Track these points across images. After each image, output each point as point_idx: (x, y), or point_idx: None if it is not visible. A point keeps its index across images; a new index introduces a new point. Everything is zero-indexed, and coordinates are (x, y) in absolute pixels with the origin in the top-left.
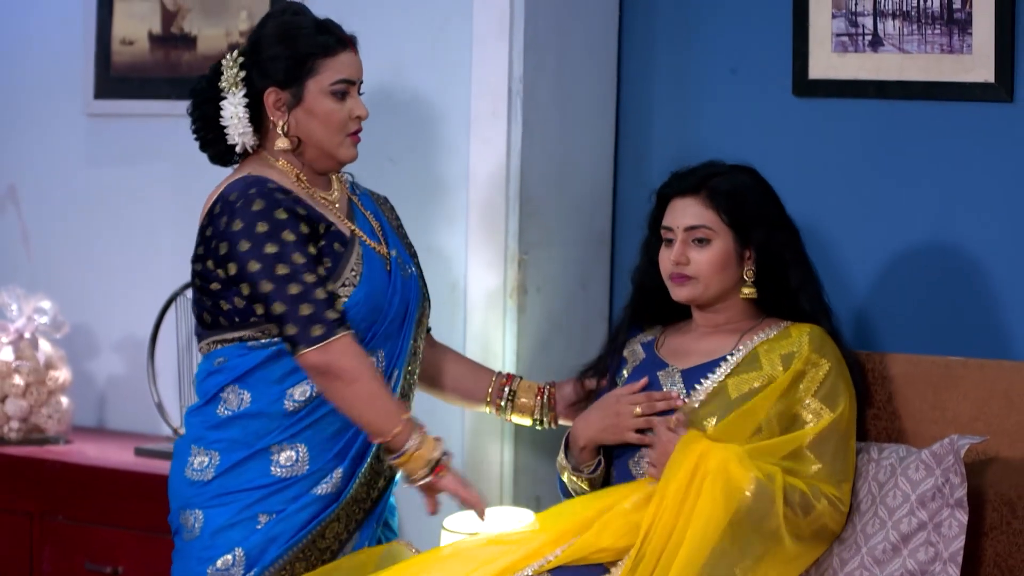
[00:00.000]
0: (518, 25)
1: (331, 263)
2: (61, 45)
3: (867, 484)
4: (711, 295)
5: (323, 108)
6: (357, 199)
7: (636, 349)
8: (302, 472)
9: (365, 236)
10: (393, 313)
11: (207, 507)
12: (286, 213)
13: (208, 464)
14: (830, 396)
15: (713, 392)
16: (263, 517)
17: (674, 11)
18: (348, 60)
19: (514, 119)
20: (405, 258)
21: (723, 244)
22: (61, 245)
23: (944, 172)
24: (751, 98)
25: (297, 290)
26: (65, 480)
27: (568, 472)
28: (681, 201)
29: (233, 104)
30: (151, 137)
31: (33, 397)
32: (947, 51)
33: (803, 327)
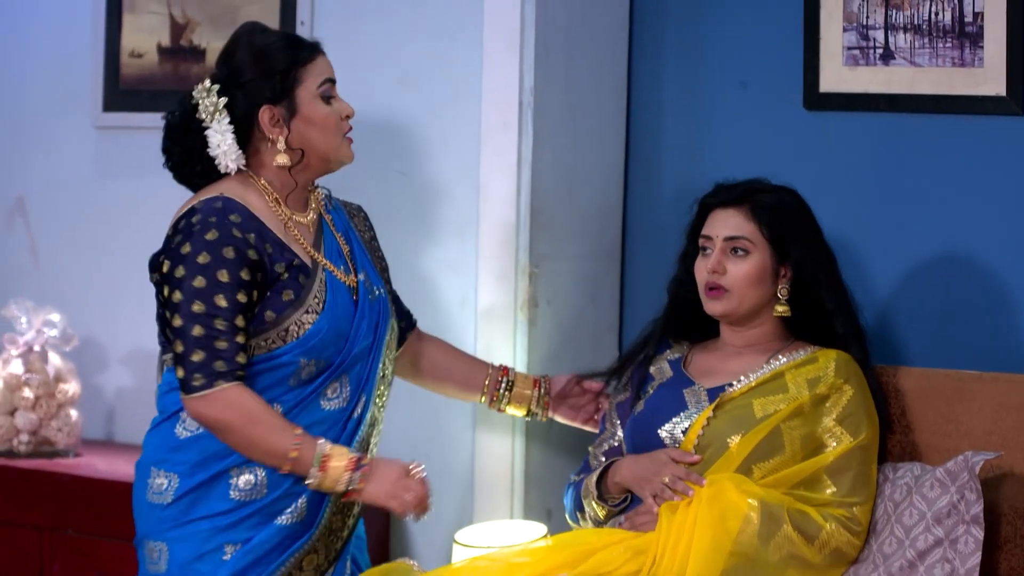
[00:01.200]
0: (528, 37)
1: (294, 294)
2: (70, 58)
3: (883, 503)
4: (744, 310)
5: (319, 113)
6: (330, 218)
7: (663, 367)
8: (260, 496)
9: (331, 265)
10: (361, 339)
11: (170, 539)
12: (234, 253)
13: (167, 487)
14: (852, 422)
15: (738, 410)
16: (229, 548)
17: (684, 24)
18: (323, 63)
19: (525, 131)
20: (373, 279)
21: (760, 257)
22: (70, 258)
23: (955, 185)
24: (761, 111)
25: (199, 333)
26: (75, 493)
27: (593, 498)
28: (723, 212)
29: (219, 132)
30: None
31: (43, 410)
32: (958, 64)
33: (830, 353)
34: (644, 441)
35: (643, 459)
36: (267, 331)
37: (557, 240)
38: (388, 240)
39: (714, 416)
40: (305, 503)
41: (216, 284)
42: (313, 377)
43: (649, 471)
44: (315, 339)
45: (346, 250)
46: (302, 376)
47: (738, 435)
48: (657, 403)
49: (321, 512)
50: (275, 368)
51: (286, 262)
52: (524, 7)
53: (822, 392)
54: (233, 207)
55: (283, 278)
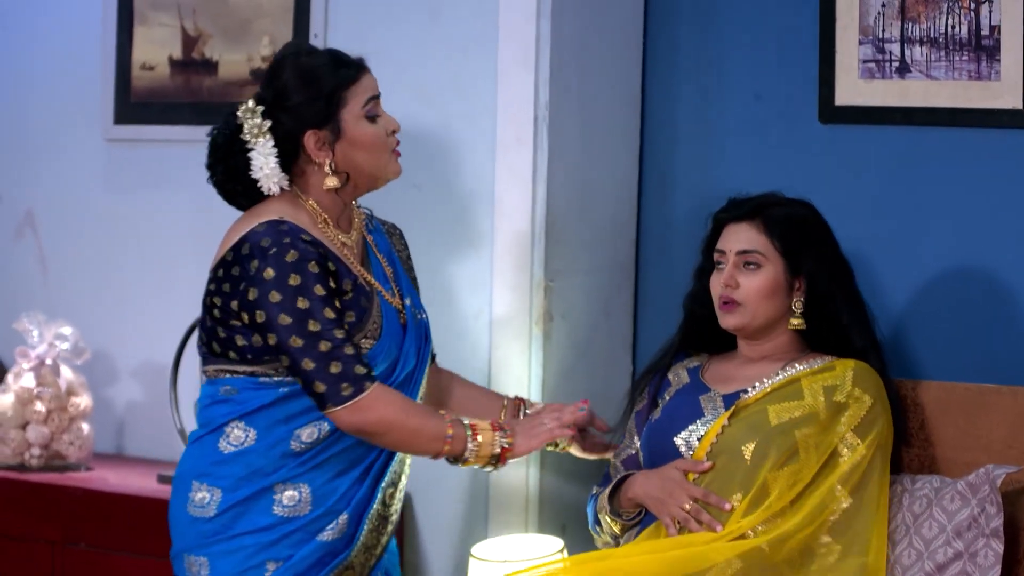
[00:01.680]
0: (544, 53)
1: (355, 317)
2: (80, 71)
3: (902, 513)
4: (758, 324)
5: (364, 134)
6: (372, 239)
7: (681, 373)
8: (304, 513)
9: (382, 289)
10: (408, 362)
11: (213, 554)
12: (318, 267)
13: (210, 500)
14: (867, 431)
15: (752, 417)
16: (271, 564)
17: (698, 37)
18: (368, 80)
19: (540, 146)
20: (416, 302)
21: (773, 271)
22: (80, 271)
23: (972, 199)
24: (776, 124)
25: (327, 347)
26: (87, 507)
27: (607, 513)
28: (736, 226)
29: (263, 154)
30: (171, 163)
31: (55, 424)
32: (975, 78)
33: (848, 362)
34: (660, 448)
35: (654, 475)
36: None
37: (571, 254)
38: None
39: (729, 424)
40: (346, 520)
41: (316, 299)
42: None
43: (662, 490)
44: (371, 362)
45: (389, 272)
46: None
47: (752, 442)
48: (673, 410)
49: (360, 528)
50: None
51: (351, 280)
52: (539, 23)
53: (840, 400)
54: (299, 229)
55: (347, 296)
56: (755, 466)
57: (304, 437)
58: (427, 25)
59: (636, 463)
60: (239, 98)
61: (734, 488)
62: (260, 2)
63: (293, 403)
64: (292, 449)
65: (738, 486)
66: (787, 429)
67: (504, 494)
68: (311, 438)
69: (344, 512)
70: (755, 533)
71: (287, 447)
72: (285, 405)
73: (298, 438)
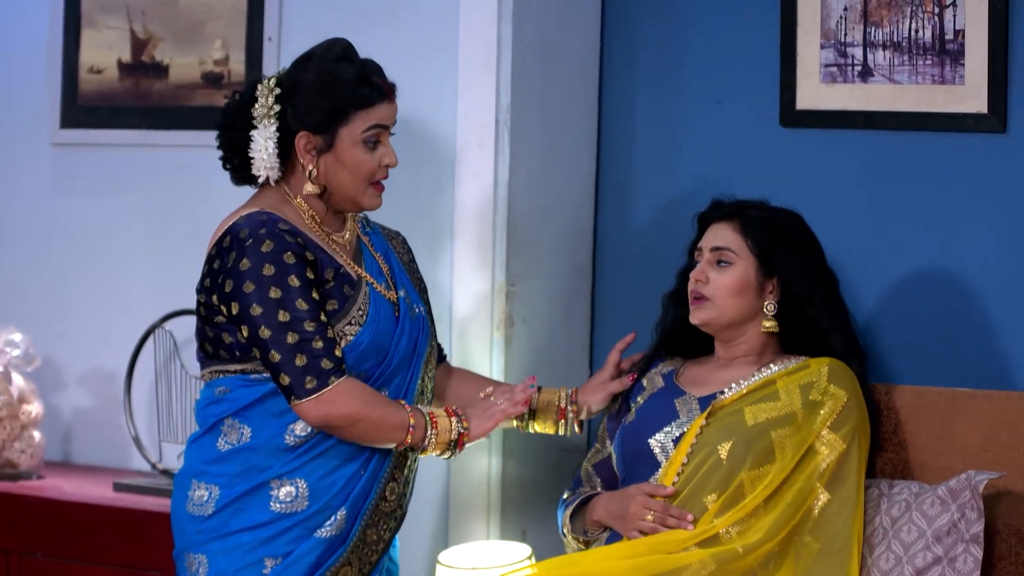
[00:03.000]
0: (505, 55)
1: (338, 304)
2: (25, 74)
3: (879, 517)
4: (725, 320)
5: (353, 158)
6: (368, 240)
7: (655, 378)
8: (301, 509)
9: (373, 280)
10: (401, 353)
11: (211, 551)
12: (294, 257)
13: (208, 498)
14: (844, 427)
15: (728, 417)
16: (269, 561)
17: (656, 41)
18: (384, 109)
19: (501, 149)
20: (414, 297)
21: (743, 269)
22: (24, 276)
23: (937, 202)
24: (737, 128)
25: (294, 339)
26: (43, 516)
27: (569, 532)
28: (716, 225)
29: (264, 137)
30: (121, 167)
31: (6, 431)
32: (939, 82)
33: (822, 360)
34: (634, 450)
35: (617, 496)
36: None
37: (532, 259)
38: None
39: (706, 424)
40: (344, 515)
41: (290, 289)
42: None
43: (623, 507)
44: (356, 351)
45: (385, 269)
46: None
47: (728, 442)
48: (648, 413)
49: (356, 524)
50: None
51: (334, 268)
52: (500, 25)
53: (815, 399)
54: (277, 218)
55: (329, 285)
56: (731, 467)
57: (298, 431)
58: (385, 28)
59: (609, 468)
60: (191, 101)
61: (710, 488)
62: (212, 4)
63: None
64: (286, 443)
65: (714, 486)
66: (763, 430)
67: (464, 500)
68: (304, 431)
69: (342, 507)
70: (729, 534)
71: (281, 441)
72: (277, 398)
73: (292, 432)
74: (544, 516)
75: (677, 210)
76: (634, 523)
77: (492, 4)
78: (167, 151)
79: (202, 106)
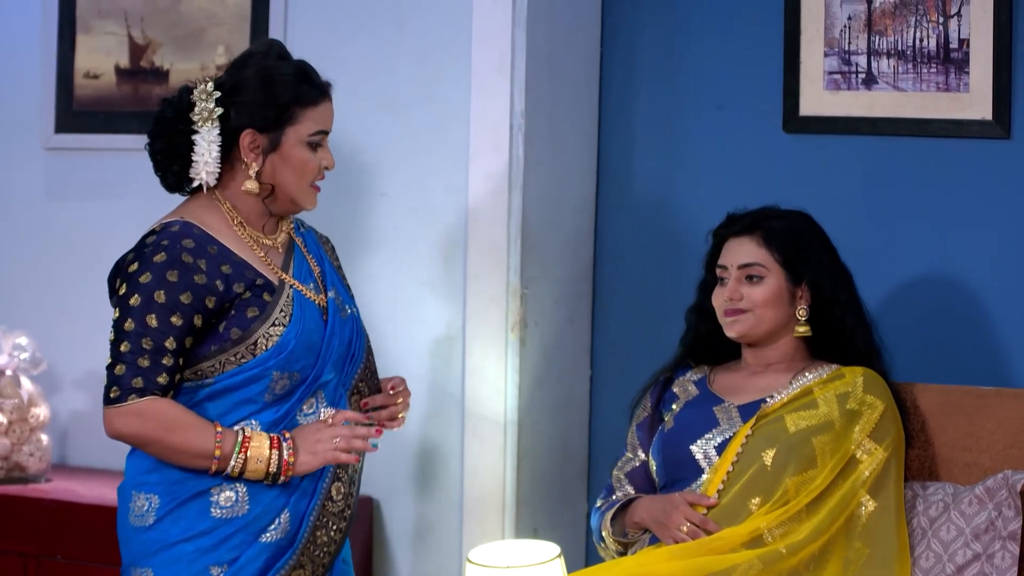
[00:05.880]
0: (519, 61)
1: (259, 310)
2: (19, 80)
3: (917, 519)
4: (763, 331)
5: (299, 157)
6: (301, 241)
7: (687, 386)
8: (242, 513)
9: (299, 284)
10: (334, 354)
11: (156, 564)
12: (177, 276)
13: (148, 508)
14: (883, 435)
15: (770, 425)
16: (215, 570)
17: (656, 46)
18: (326, 110)
19: (515, 155)
20: (345, 298)
21: (775, 281)
22: (19, 281)
23: (942, 208)
24: (739, 134)
25: (126, 348)
26: (60, 519)
27: (609, 536)
28: (736, 240)
29: (206, 140)
30: (118, 171)
31: (16, 435)
32: (943, 89)
33: (856, 369)
34: (675, 457)
35: (659, 501)
36: (236, 346)
37: (542, 262)
38: (370, 262)
39: (751, 434)
40: (288, 517)
41: (150, 304)
42: (289, 392)
43: (667, 517)
44: (286, 349)
45: (317, 271)
46: (276, 391)
47: (772, 449)
48: (687, 420)
49: (304, 526)
50: (246, 383)
51: (247, 282)
52: (515, 31)
53: (853, 408)
54: (188, 232)
55: (244, 296)
56: (776, 473)
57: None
58: (392, 33)
59: (641, 475)
60: None
61: (754, 493)
62: (215, 11)
63: (216, 403)
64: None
65: (758, 491)
66: (805, 437)
67: (478, 499)
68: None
69: (285, 509)
70: (772, 536)
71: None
72: (208, 404)
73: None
74: (553, 514)
75: (678, 215)
76: (672, 532)
77: (506, 11)
78: None
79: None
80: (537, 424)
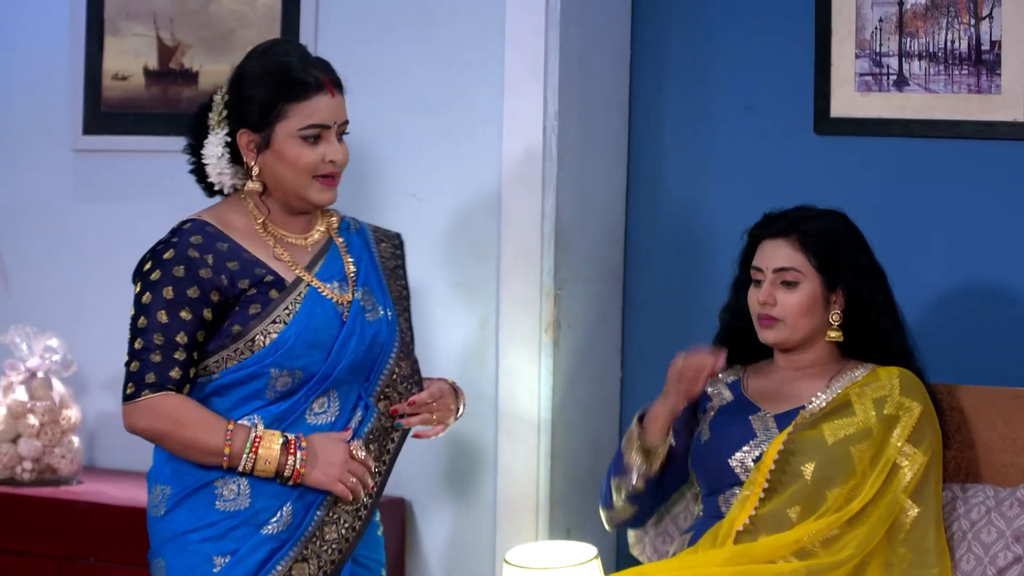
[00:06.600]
0: (552, 63)
1: (260, 307)
2: (47, 82)
3: (957, 521)
4: (797, 339)
5: (291, 152)
6: (341, 241)
7: (721, 389)
8: (244, 507)
9: (318, 282)
10: (350, 354)
11: (167, 554)
12: (184, 272)
13: (161, 498)
14: (921, 439)
15: (808, 436)
16: (218, 560)
17: (686, 48)
18: (323, 104)
19: (549, 156)
20: (380, 300)
21: (810, 287)
22: (46, 282)
23: (973, 209)
24: (768, 135)
25: (139, 345)
26: (93, 521)
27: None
28: (772, 243)
29: (214, 143)
30: (147, 173)
31: (47, 437)
32: (975, 91)
33: (891, 370)
34: (716, 470)
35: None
36: (235, 342)
37: (574, 263)
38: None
39: (785, 447)
40: (291, 510)
41: (160, 300)
42: (292, 390)
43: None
44: (283, 348)
45: (351, 271)
46: (277, 388)
47: (811, 462)
48: (723, 431)
49: (308, 519)
50: (247, 380)
51: (253, 279)
52: (548, 34)
53: (891, 413)
54: (198, 229)
55: (249, 293)
56: (816, 485)
57: None
58: (424, 35)
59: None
60: None
61: (793, 503)
62: (245, 12)
63: (223, 398)
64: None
65: (797, 500)
66: (843, 446)
67: (512, 500)
68: None
69: (288, 502)
70: (816, 546)
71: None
72: (218, 399)
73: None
74: (585, 515)
75: (707, 217)
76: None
77: (539, 13)
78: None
79: None
80: (570, 425)
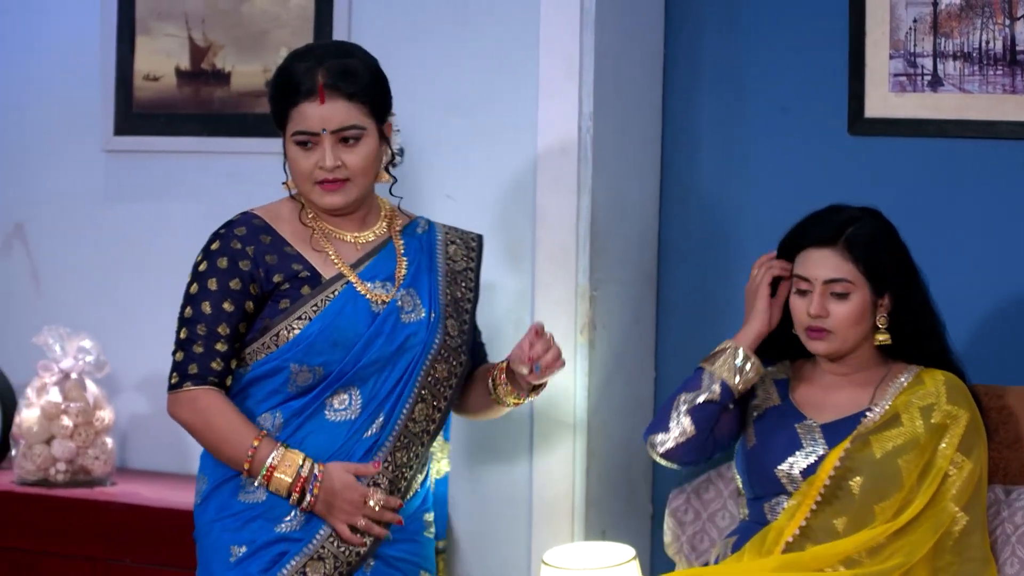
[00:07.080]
0: (588, 65)
1: (289, 303)
2: (79, 82)
3: (1001, 526)
4: (848, 348)
5: (291, 157)
6: (401, 241)
7: (770, 390)
8: (261, 500)
9: (359, 280)
10: (374, 354)
11: (199, 540)
12: (227, 263)
13: (199, 488)
14: (970, 447)
15: (857, 451)
16: (235, 549)
17: (719, 49)
18: (311, 111)
19: (584, 157)
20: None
21: (861, 296)
22: (78, 282)
23: (1010, 209)
24: (803, 136)
25: (185, 335)
26: (129, 522)
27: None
28: (818, 252)
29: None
30: (179, 174)
31: (81, 438)
32: (1009, 91)
33: (936, 373)
34: (761, 478)
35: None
36: (262, 336)
37: (609, 264)
38: None
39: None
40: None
41: (205, 291)
42: (313, 385)
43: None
44: (304, 343)
45: (401, 272)
46: (298, 383)
47: (859, 476)
48: (769, 438)
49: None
50: (270, 374)
51: (288, 273)
52: (583, 34)
53: (938, 422)
54: (245, 221)
55: (282, 288)
56: (864, 500)
57: (266, 425)
58: (458, 35)
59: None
60: (254, 108)
61: (840, 514)
62: (277, 13)
63: (255, 389)
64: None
65: (844, 511)
66: (891, 459)
67: (548, 501)
68: (267, 423)
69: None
70: (864, 557)
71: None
72: (249, 392)
73: (260, 425)
74: (621, 516)
75: (741, 217)
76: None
77: (574, 13)
78: (225, 158)
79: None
80: (605, 425)
